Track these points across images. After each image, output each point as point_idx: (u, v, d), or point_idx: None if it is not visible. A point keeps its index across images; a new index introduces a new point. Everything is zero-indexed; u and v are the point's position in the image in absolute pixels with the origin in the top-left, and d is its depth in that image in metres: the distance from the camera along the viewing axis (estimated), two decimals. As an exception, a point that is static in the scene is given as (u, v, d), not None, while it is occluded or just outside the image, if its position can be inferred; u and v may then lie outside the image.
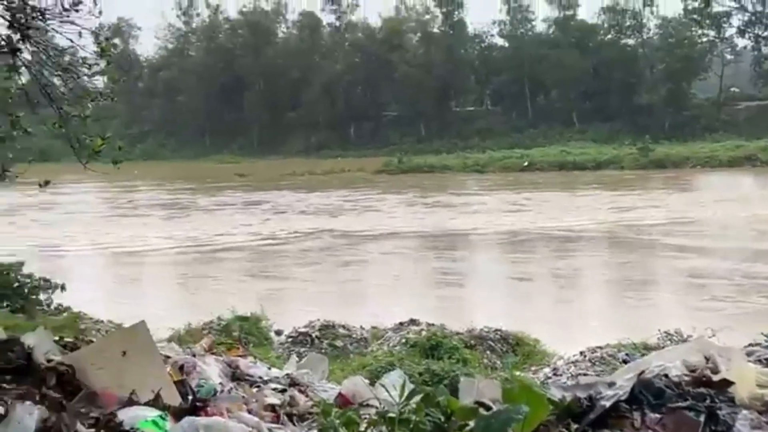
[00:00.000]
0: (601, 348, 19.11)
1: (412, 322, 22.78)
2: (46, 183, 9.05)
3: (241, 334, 20.73)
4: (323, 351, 19.73)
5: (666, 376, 4.86)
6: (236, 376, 9.73)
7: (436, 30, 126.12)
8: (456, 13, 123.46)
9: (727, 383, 4.82)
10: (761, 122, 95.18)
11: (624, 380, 4.87)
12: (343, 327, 22.71)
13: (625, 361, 13.01)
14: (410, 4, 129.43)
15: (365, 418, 3.85)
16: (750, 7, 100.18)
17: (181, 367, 9.12)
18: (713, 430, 4.56)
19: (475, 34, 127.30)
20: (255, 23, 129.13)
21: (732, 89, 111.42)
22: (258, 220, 53.75)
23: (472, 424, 3.77)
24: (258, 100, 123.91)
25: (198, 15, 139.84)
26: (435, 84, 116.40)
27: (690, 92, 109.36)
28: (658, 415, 4.72)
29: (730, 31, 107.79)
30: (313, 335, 22.11)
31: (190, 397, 8.20)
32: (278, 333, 22.85)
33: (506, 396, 3.71)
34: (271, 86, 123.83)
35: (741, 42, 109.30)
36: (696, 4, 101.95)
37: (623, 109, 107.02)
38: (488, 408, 3.93)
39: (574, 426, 4.14)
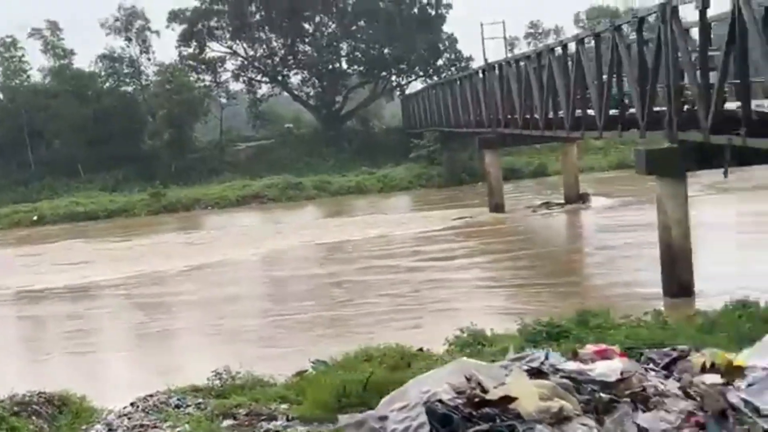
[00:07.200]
0: (152, 396, 18.44)
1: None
2: None
3: None
4: None
5: (440, 401, 4.46)
6: None
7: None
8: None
9: (509, 400, 4.53)
10: (260, 161, 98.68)
11: (400, 412, 4.38)
12: None
13: (177, 406, 12.24)
14: None
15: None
16: (242, 52, 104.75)
17: None
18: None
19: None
20: None
21: (231, 132, 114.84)
22: None
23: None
24: None
25: None
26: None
27: (193, 136, 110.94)
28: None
29: (225, 75, 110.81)
30: None
31: None
32: None
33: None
34: None
35: (236, 86, 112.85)
36: (191, 50, 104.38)
37: (129, 156, 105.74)
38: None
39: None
